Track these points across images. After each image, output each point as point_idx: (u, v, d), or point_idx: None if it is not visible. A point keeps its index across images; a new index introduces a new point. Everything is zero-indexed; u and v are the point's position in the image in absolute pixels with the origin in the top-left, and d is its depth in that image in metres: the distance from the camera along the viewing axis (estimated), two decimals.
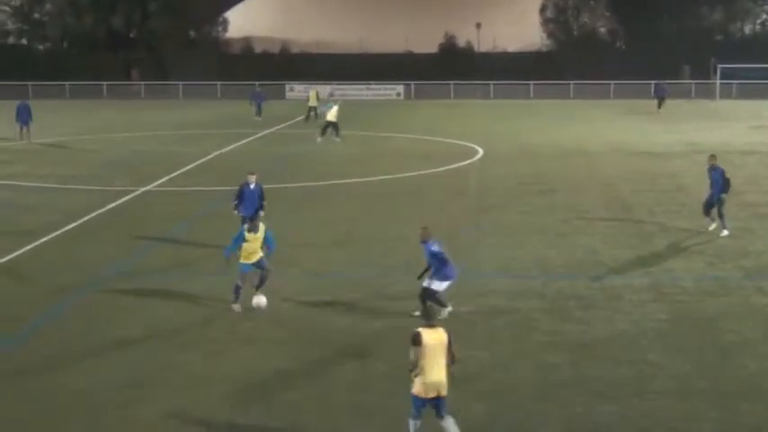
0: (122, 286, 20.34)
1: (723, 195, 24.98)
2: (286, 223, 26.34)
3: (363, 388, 14.60)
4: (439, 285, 17.72)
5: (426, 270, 17.97)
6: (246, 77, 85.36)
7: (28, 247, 23.89)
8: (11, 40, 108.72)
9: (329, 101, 50.23)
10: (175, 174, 36.54)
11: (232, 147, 45.51)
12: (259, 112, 59.35)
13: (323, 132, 47.06)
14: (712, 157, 25.90)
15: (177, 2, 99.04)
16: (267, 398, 14.21)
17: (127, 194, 31.84)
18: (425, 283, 17.83)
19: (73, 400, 14.24)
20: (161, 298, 19.47)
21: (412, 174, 36.46)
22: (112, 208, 29.57)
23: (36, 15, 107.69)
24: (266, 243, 18.75)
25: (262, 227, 18.80)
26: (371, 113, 66.34)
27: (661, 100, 64.63)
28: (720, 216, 25.10)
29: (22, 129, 48.16)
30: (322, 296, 19.57)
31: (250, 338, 16.94)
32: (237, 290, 18.47)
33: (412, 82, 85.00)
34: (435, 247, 17.84)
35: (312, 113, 57.93)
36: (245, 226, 18.90)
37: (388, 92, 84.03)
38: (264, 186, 23.49)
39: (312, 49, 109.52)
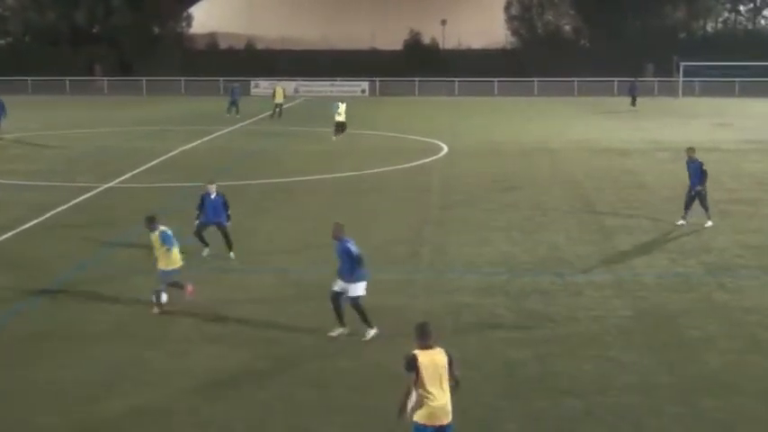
0: (86, 284, 20.24)
1: (699, 187, 25.36)
2: (251, 221, 26.32)
3: (328, 386, 14.61)
4: (355, 289, 16.62)
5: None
6: (211, 73, 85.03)
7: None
8: None
9: (335, 101, 49.22)
10: (139, 170, 36.34)
11: (196, 143, 45.31)
12: (232, 109, 59.06)
13: (337, 131, 46.51)
14: (690, 149, 26.26)
15: None
16: (233, 395, 14.18)
17: (90, 191, 31.63)
18: (337, 288, 16.78)
19: (40, 396, 14.17)
20: (125, 295, 19.38)
21: (377, 170, 36.49)
22: (75, 204, 29.37)
23: None
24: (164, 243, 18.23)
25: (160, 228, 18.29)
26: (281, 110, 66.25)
27: (634, 98, 65.24)
28: (705, 208, 25.60)
29: None
30: (287, 295, 19.54)
31: (215, 337, 16.88)
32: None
33: (377, 78, 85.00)
34: (352, 246, 16.71)
35: (278, 110, 57.79)
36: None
37: (352, 88, 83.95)
38: (230, 183, 23.42)
39: (277, 45, 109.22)
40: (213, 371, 15.16)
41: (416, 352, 11.09)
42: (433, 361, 11.07)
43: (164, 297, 18.18)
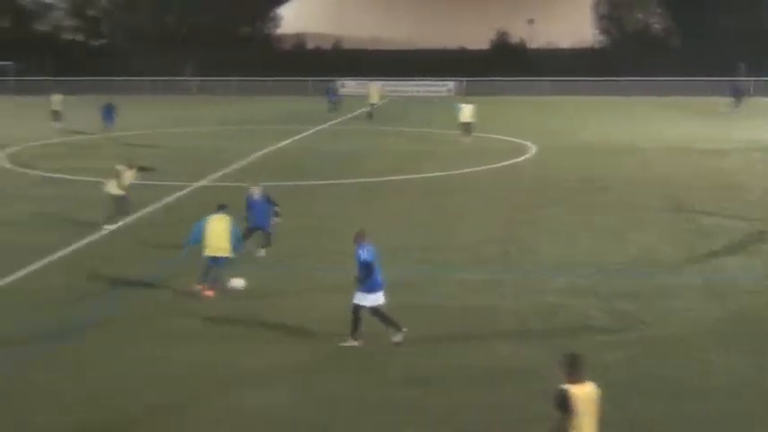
0: (174, 279, 20.46)
1: None
2: (336, 221, 26.45)
3: (415, 384, 14.60)
4: (362, 298, 16.01)
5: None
6: (298, 73, 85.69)
7: (85, 240, 24.19)
8: (66, 36, 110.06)
9: (456, 102, 48.15)
10: (229, 169, 36.79)
11: (285, 143, 45.71)
12: (334, 108, 59.36)
13: (467, 132, 45.58)
14: None
15: None
16: (303, 392, 14.21)
17: (181, 189, 32.10)
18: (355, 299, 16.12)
19: (129, 395, 14.39)
20: (217, 292, 19.59)
21: (465, 170, 36.40)
22: (166, 203, 29.83)
23: (91, 12, 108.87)
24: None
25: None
26: (423, 110, 66.24)
27: (738, 98, 63.55)
28: None
29: (108, 127, 48.14)
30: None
31: (288, 335, 16.88)
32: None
33: (463, 78, 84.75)
34: (364, 254, 16.09)
35: (372, 110, 57.84)
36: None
37: (439, 88, 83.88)
38: (317, 182, 23.53)
39: (364, 45, 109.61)
40: (285, 367, 15.25)
41: (568, 387, 9.83)
42: (587, 396, 9.89)
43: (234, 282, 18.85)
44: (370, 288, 16.02)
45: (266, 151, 42.25)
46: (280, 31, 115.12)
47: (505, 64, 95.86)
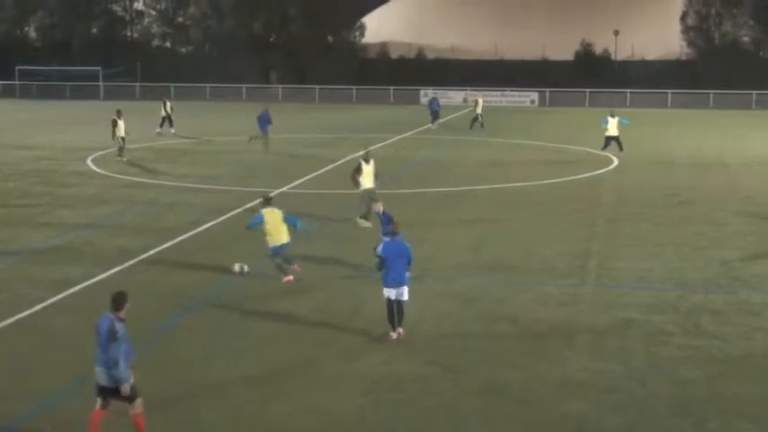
0: (255, 286, 20.77)
1: None
2: (419, 229, 26.51)
3: (495, 396, 14.60)
4: (384, 290, 17.00)
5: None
6: (382, 82, 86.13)
7: (168, 244, 24.63)
8: (155, 42, 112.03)
9: (605, 115, 46.12)
10: (311, 176, 37.12)
11: (364, 151, 45.83)
12: (434, 119, 59.30)
13: (619, 146, 44.17)
14: None
15: (316, 7, 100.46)
16: (399, 401, 14.32)
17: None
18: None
19: (208, 396, 14.61)
20: (294, 296, 19.83)
21: (546, 181, 36.22)
22: (249, 208, 30.17)
23: (180, 19, 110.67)
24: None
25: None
26: (505, 120, 66.06)
27: None
28: None
29: (261, 135, 48.40)
30: (454, 303, 19.61)
31: (380, 343, 17.05)
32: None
33: (546, 89, 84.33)
34: (380, 248, 17.12)
35: (478, 121, 57.74)
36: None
37: (522, 98, 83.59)
38: (399, 191, 23.64)
39: (448, 54, 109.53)
40: (379, 376, 15.34)
41: None
42: None
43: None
44: (384, 282, 16.94)
45: (347, 159, 42.48)
46: (364, 40, 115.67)
47: (590, 75, 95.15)
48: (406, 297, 17.10)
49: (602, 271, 22.34)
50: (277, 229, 20.78)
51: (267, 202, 21.37)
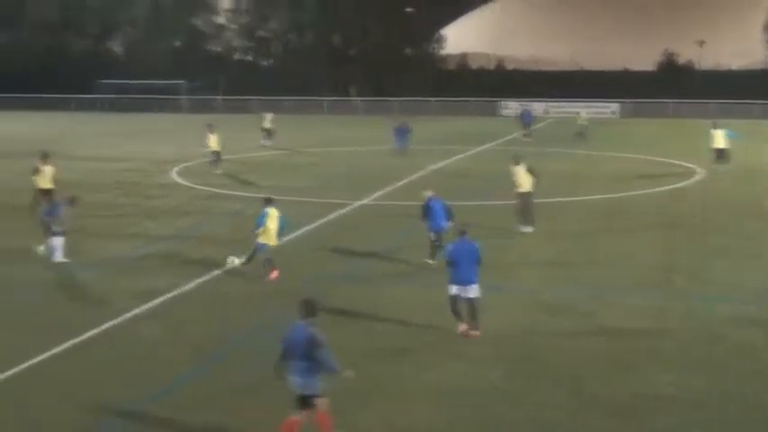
0: (338, 296, 20.80)
1: None
2: (498, 240, 26.38)
3: (578, 408, 14.40)
4: (448, 288, 17.87)
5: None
6: (461, 93, 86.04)
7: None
8: (237, 56, 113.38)
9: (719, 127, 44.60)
10: (391, 188, 37.16)
11: (445, 162, 45.87)
12: (528, 132, 59.08)
13: (721, 160, 43.31)
14: None
15: (395, 19, 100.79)
16: (481, 414, 14.20)
17: (344, 207, 32.57)
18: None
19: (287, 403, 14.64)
20: (373, 308, 19.82)
21: (629, 193, 35.77)
22: (329, 220, 30.33)
23: (261, 33, 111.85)
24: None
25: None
26: (588, 131, 65.40)
27: None
28: None
29: (401, 148, 49.24)
30: (536, 314, 19.43)
31: (461, 354, 16.97)
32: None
33: (628, 100, 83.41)
34: (449, 248, 18.23)
35: (581, 133, 57.46)
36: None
37: (603, 109, 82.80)
38: (476, 203, 23.54)
39: (527, 65, 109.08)
40: (460, 387, 15.23)
41: None
42: None
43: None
44: (450, 279, 17.78)
45: (427, 171, 42.49)
46: (443, 51, 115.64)
47: (672, 85, 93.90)
48: (473, 295, 17.68)
49: (690, 283, 21.95)
50: (271, 229, 22.49)
51: (269, 201, 22.86)
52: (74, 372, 16.13)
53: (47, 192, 30.04)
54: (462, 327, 17.74)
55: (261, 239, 22.51)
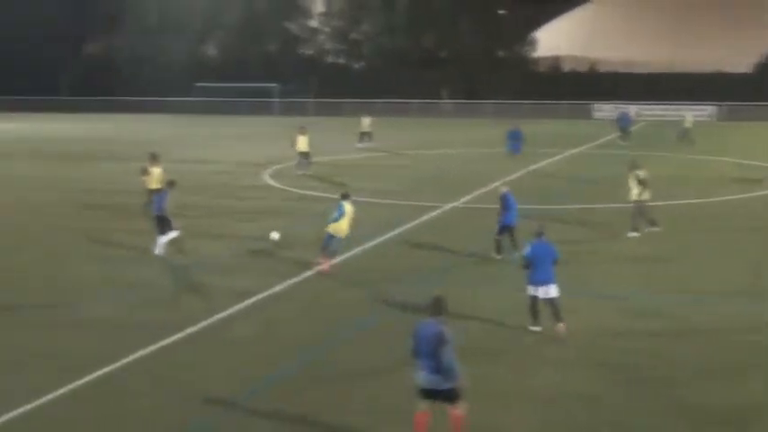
0: (431, 295, 20.76)
1: None
2: (591, 245, 26.20)
3: (675, 417, 14.25)
4: (527, 289, 18.32)
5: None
6: (553, 96, 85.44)
7: (342, 258, 25.03)
8: (329, 59, 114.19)
9: None
10: (482, 191, 37.09)
11: (538, 165, 45.61)
12: (623, 136, 58.44)
13: None
14: None
15: (488, 22, 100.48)
16: (568, 419, 14.12)
17: (435, 210, 32.62)
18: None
19: (363, 404, 14.76)
20: (466, 310, 19.85)
21: (725, 198, 35.17)
22: (421, 222, 30.41)
23: (353, 35, 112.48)
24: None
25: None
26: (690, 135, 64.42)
27: None
28: None
29: (514, 151, 49.36)
30: (633, 319, 19.21)
31: (552, 357, 16.90)
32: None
33: (723, 103, 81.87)
34: (527, 249, 18.48)
35: (686, 135, 56.73)
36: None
37: (697, 112, 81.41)
38: (568, 207, 23.40)
39: (620, 68, 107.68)
40: (553, 393, 15.18)
41: None
42: None
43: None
44: (529, 280, 18.23)
45: (518, 174, 42.30)
46: (535, 54, 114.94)
47: None
48: (553, 294, 18.01)
49: None
50: (346, 222, 23.57)
51: (346, 197, 24.00)
52: (174, 367, 16.51)
53: (156, 192, 30.69)
54: (536, 327, 18.18)
55: (332, 231, 23.47)
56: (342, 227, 23.43)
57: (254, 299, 20.92)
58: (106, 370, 16.19)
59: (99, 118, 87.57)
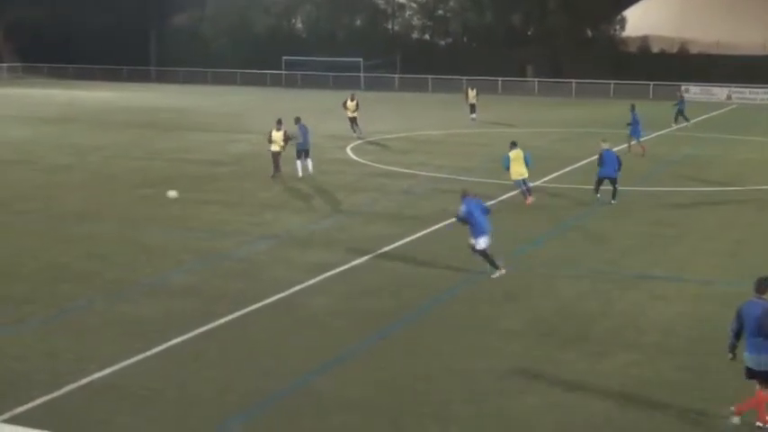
0: (500, 280, 20.75)
1: None
2: (673, 228, 25.87)
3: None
4: (476, 242, 20.26)
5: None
6: (641, 77, 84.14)
7: (420, 233, 25.09)
8: (415, 35, 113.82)
9: None
10: (564, 171, 36.78)
11: (622, 147, 44.96)
12: (680, 118, 57.03)
13: None
14: None
15: (577, 0, 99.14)
16: (648, 406, 13.99)
17: (515, 188, 32.39)
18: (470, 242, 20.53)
19: (455, 384, 14.80)
20: (545, 292, 19.78)
21: None
22: (501, 200, 30.25)
23: (440, 12, 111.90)
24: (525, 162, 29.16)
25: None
26: None
27: None
28: None
29: (634, 139, 46.56)
30: (712, 306, 18.93)
31: (633, 344, 16.74)
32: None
33: None
34: (462, 208, 20.41)
35: None
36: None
37: None
38: (651, 189, 23.07)
39: (712, 49, 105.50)
40: (628, 378, 15.04)
41: None
42: None
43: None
44: (474, 234, 20.30)
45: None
46: (624, 33, 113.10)
47: None
48: (484, 244, 20.41)
49: None
50: (519, 164, 28.89)
51: (514, 145, 29.46)
52: (249, 339, 16.76)
53: (278, 154, 34.86)
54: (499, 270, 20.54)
55: (515, 177, 28.97)
56: (516, 169, 28.81)
57: (330, 272, 21.15)
58: (183, 338, 16.55)
59: (186, 90, 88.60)
